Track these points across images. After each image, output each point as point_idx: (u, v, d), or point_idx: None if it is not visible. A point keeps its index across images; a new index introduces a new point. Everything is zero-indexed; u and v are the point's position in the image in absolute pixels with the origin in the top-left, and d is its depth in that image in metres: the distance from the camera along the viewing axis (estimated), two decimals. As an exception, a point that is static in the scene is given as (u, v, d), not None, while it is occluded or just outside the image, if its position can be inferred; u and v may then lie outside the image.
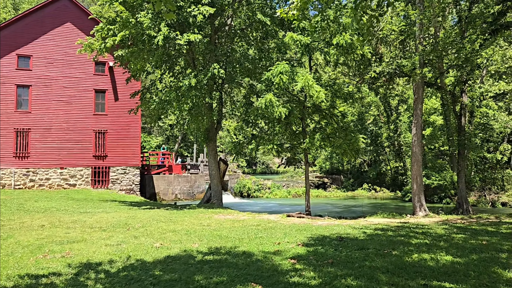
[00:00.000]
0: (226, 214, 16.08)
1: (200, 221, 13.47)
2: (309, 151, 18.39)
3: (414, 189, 18.67)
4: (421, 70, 17.41)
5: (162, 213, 16.00)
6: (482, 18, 17.59)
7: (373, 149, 45.63)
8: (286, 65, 16.88)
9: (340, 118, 19.70)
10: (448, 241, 9.79)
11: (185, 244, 9.24)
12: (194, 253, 8.28)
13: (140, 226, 12.19)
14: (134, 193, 28.30)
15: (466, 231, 11.74)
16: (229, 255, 8.04)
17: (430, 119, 36.42)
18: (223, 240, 9.87)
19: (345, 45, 16.42)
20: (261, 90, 17.71)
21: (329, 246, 9.01)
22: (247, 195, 37.62)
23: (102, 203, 20.33)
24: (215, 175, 19.84)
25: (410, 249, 8.80)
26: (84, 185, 27.34)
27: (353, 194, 40.68)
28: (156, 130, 58.41)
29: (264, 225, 12.65)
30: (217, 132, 20.29)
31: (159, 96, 18.95)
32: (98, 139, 27.89)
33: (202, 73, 16.84)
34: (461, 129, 21.05)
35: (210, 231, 11.21)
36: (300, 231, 11.33)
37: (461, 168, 20.71)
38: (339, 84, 18.13)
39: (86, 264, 7.33)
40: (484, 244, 9.46)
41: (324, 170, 51.02)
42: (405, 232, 11.28)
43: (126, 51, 16.98)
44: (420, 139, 18.75)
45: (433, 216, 17.23)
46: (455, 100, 20.75)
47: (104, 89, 28.24)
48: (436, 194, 31.65)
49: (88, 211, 16.43)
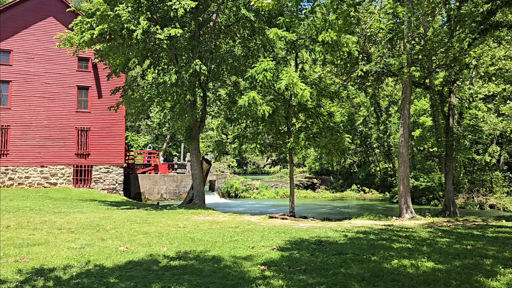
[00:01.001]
0: (206, 215, 15.55)
1: (176, 222, 12.92)
2: (294, 150, 17.91)
3: (400, 190, 18.27)
4: (408, 69, 17.02)
5: (140, 213, 15.42)
6: (471, 17, 17.24)
7: (362, 150, 45.33)
8: (270, 62, 16.38)
9: (326, 117, 19.25)
10: (431, 246, 9.35)
11: (153, 248, 8.69)
12: (159, 257, 7.74)
13: (112, 227, 11.61)
14: (117, 192, 27.60)
15: (451, 234, 11.33)
16: (196, 260, 7.51)
17: (420, 121, 36.17)
18: (196, 243, 9.34)
19: (331, 42, 15.96)
20: (245, 88, 17.18)
21: (306, 251, 8.52)
22: (234, 195, 37.06)
23: (80, 202, 19.67)
24: (197, 174, 19.28)
25: (391, 254, 8.34)
26: (66, 183, 26.60)
27: (342, 195, 40.32)
28: (144, 129, 57.62)
29: (242, 227, 12.14)
30: (200, 131, 19.74)
31: (140, 93, 18.37)
32: (80, 137, 27.16)
33: (183, 69, 16.27)
34: (449, 130, 20.69)
35: (184, 233, 10.67)
36: (278, 234, 10.84)
37: (449, 169, 20.35)
38: (325, 83, 17.66)
39: (39, 270, 6.76)
40: (469, 249, 9.03)
41: (314, 171, 50.62)
42: (388, 235, 10.83)
43: (105, 46, 16.36)
44: (408, 140, 18.36)
45: (419, 218, 16.84)
46: (443, 100, 20.40)
47: (87, 86, 27.51)
48: (424, 196, 31.36)
49: (63, 211, 15.78)
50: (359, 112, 43.65)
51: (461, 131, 30.37)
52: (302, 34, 17.04)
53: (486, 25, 17.69)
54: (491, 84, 30.43)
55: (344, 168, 48.95)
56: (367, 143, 43.57)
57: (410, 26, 18.05)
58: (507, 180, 33.54)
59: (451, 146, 20.41)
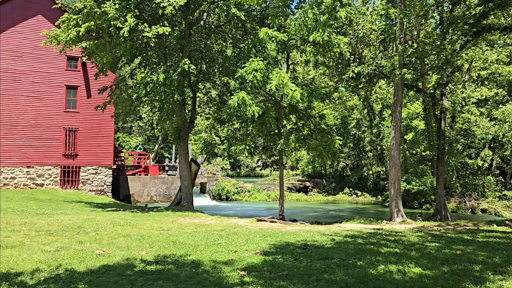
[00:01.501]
0: (193, 218, 15.20)
1: (161, 225, 12.56)
2: (285, 152, 17.62)
3: (391, 194, 18.03)
4: (400, 71, 16.82)
5: (125, 215, 15.04)
6: (464, 20, 17.10)
7: (355, 153, 45.19)
8: (260, 62, 16.08)
9: (317, 119, 19.00)
10: (420, 250, 9.08)
11: (132, 251, 8.34)
12: (136, 262, 7.40)
13: (93, 229, 11.23)
14: (105, 194, 27.14)
15: (441, 239, 11.08)
16: (174, 265, 7.18)
17: (413, 124, 36.08)
18: (177, 246, 9.00)
19: (322, 43, 15.71)
20: (235, 88, 16.88)
21: (290, 255, 8.22)
22: (226, 197, 36.70)
23: (66, 204, 19.23)
24: (186, 176, 18.92)
25: (378, 259, 8.05)
26: (53, 184, 26.10)
27: (334, 198, 40.08)
28: (136, 130, 57.12)
29: (228, 230, 11.81)
30: (189, 132, 19.39)
31: (128, 93, 18.00)
32: (68, 138, 26.69)
33: (171, 68, 15.94)
34: (441, 133, 20.51)
35: (167, 236, 10.32)
36: (264, 237, 10.52)
37: (440, 173, 20.14)
38: (315, 84, 17.41)
39: (5, 274, 6.39)
40: (458, 254, 8.77)
41: (307, 174, 50.40)
42: (376, 239, 10.56)
43: (91, 43, 15.99)
44: (399, 142, 18.15)
45: (410, 222, 16.60)
46: (435, 103, 20.22)
47: (76, 86, 27.07)
48: (416, 200, 31.20)
49: (46, 213, 15.34)
50: (352, 115, 43.47)
51: (453, 135, 30.28)
52: (293, 34, 16.78)
53: (478, 28, 17.57)
54: (483, 88, 30.36)
55: (337, 171, 48.77)
56: (360, 146, 43.42)
57: (402, 27, 17.87)
58: (499, 185, 33.50)
59: (442, 149, 20.22)
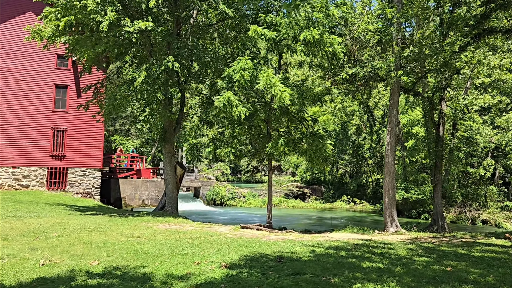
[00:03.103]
0: (173, 224, 14.34)
1: (133, 231, 11.71)
2: (273, 156, 16.77)
3: (385, 202, 17.09)
4: (396, 73, 15.96)
5: (101, 220, 14.20)
6: (464, 21, 16.25)
7: (355, 160, 44.23)
8: (249, 61, 15.29)
9: (310, 123, 18.15)
10: (406, 266, 8.18)
11: (83, 261, 7.50)
12: (79, 274, 6.55)
13: (56, 235, 10.41)
14: (92, 197, 26.32)
15: (433, 252, 10.16)
16: (120, 279, 6.33)
17: (413, 131, 35.17)
18: (137, 256, 8.15)
19: (313, 41, 14.89)
20: (222, 88, 16.06)
21: (259, 269, 7.35)
22: (220, 203, 35.81)
23: (46, 206, 18.43)
24: (170, 179, 18.08)
25: (356, 275, 7.17)
26: (39, 186, 25.33)
27: (332, 205, 39.07)
28: (134, 132, 56.44)
29: (203, 239, 10.95)
30: (176, 134, 18.58)
31: (111, 92, 17.24)
32: (56, 138, 25.94)
33: (154, 66, 15.17)
34: (439, 139, 19.56)
35: (132, 244, 9.48)
36: (239, 247, 9.66)
37: (438, 181, 19.18)
38: (307, 86, 16.58)
39: None
40: (448, 271, 7.87)
41: (305, 180, 49.45)
42: (361, 252, 9.65)
43: (71, 39, 15.26)
44: (394, 148, 17.23)
45: (403, 232, 15.66)
46: (433, 108, 19.32)
47: (66, 85, 26.37)
48: (415, 209, 30.17)
49: (18, 215, 14.55)
50: (352, 121, 42.57)
51: (455, 143, 29.32)
52: (284, 33, 15.98)
53: (479, 30, 16.70)
54: (486, 95, 29.42)
55: (336, 178, 47.78)
56: (360, 153, 42.47)
57: (400, 28, 17.04)
58: (502, 195, 32.42)
59: (440, 156, 19.28)
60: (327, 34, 15.58)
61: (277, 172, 74.59)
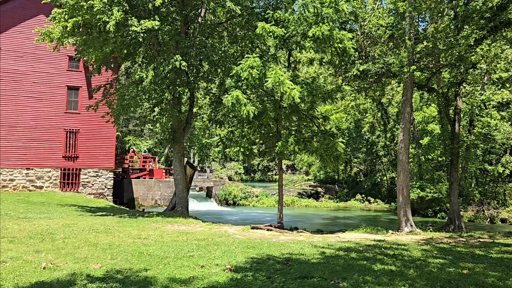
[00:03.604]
0: (181, 224, 14.19)
1: (141, 233, 11.58)
2: (283, 155, 16.48)
3: (399, 201, 16.65)
4: (408, 69, 15.50)
5: (110, 221, 14.12)
6: (479, 13, 15.69)
7: (369, 158, 43.59)
8: (257, 59, 15.04)
9: (321, 121, 17.81)
10: (420, 268, 7.84)
11: (86, 264, 7.36)
12: (80, 277, 6.40)
13: (63, 237, 10.33)
14: (104, 197, 26.40)
15: (449, 253, 9.77)
16: (121, 283, 6.15)
17: (428, 128, 34.42)
18: (141, 259, 7.98)
19: (322, 37, 14.55)
20: (230, 86, 15.84)
21: (265, 272, 7.10)
22: (232, 202, 35.63)
23: (57, 207, 18.50)
24: (180, 180, 17.95)
25: (366, 279, 6.87)
26: (52, 187, 25.52)
27: (346, 205, 38.54)
28: (147, 133, 56.72)
29: (211, 240, 10.75)
30: (185, 134, 18.44)
31: (120, 92, 17.20)
32: (69, 139, 26.11)
33: (162, 65, 15.03)
34: (455, 136, 18.97)
35: (138, 246, 9.33)
36: (246, 249, 9.42)
37: (454, 179, 18.61)
38: (316, 83, 16.22)
39: None
40: (464, 274, 7.51)
41: (319, 179, 48.94)
42: (373, 253, 9.32)
43: (79, 39, 15.23)
44: (408, 146, 16.77)
45: (418, 233, 15.21)
46: (448, 104, 18.75)
47: (77, 86, 26.52)
48: (431, 208, 29.47)
49: (29, 217, 14.59)
50: (365, 118, 41.92)
51: (471, 140, 28.56)
52: (293, 29, 15.67)
53: (496, 23, 16.12)
54: (504, 91, 28.54)
55: (350, 176, 47.17)
56: (373, 151, 41.82)
57: (412, 22, 16.57)
58: (522, 193, 31.46)
59: (456, 153, 18.70)
60: (337, 30, 15.22)
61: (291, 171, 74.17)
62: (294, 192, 42.53)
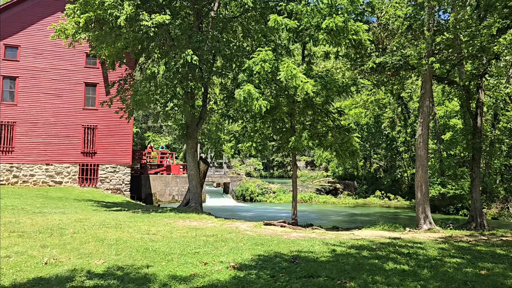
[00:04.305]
0: (193, 220, 14.07)
1: (150, 228, 11.50)
2: (297, 150, 16.16)
3: (418, 198, 16.12)
4: (427, 61, 14.92)
5: (122, 216, 14.12)
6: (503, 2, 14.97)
7: (389, 154, 42.72)
8: (269, 52, 14.76)
9: (336, 115, 17.40)
10: (435, 269, 7.46)
11: (89, 260, 7.27)
12: (80, 274, 6.30)
13: (72, 232, 10.32)
14: (122, 193, 26.62)
15: (467, 252, 9.31)
16: (120, 280, 6.01)
17: (450, 123, 33.45)
18: (145, 255, 7.86)
19: (336, 29, 14.13)
20: (243, 81, 15.60)
21: (270, 270, 6.86)
22: (249, 198, 35.48)
23: (74, 202, 18.68)
24: (194, 175, 17.87)
25: (376, 279, 6.54)
26: (71, 182, 25.89)
27: (364, 201, 37.88)
28: (166, 129, 57.11)
29: (220, 236, 10.58)
30: (198, 129, 18.32)
31: (134, 87, 17.18)
32: (87, 135, 26.42)
33: (173, 60, 14.91)
34: (477, 130, 18.23)
35: (144, 242, 9.22)
36: (255, 246, 9.20)
37: (476, 175, 17.89)
38: (330, 76, 15.80)
39: None
40: (482, 275, 7.09)
41: (337, 175, 48.31)
42: (386, 252, 8.96)
43: (91, 35, 15.25)
44: (427, 140, 16.20)
45: (437, 230, 14.68)
46: (470, 97, 18.01)
47: (95, 83, 26.77)
48: (452, 204, 28.61)
49: (44, 211, 14.72)
50: (385, 114, 41.04)
51: (496, 134, 27.54)
52: (306, 21, 15.28)
53: (521, 11, 15.36)
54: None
55: (370, 173, 46.38)
56: (393, 147, 40.94)
57: (431, 12, 15.95)
58: (549, 189, 30.22)
59: (478, 148, 17.97)
60: (352, 21, 14.78)
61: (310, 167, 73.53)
62: (312, 188, 42.10)
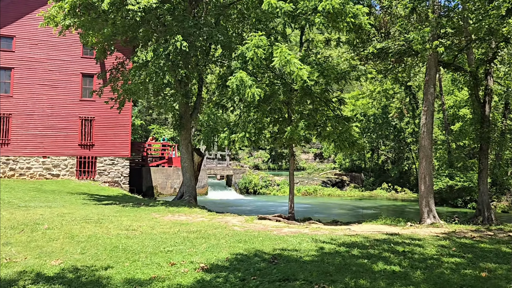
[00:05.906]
0: (183, 214, 13.44)
1: (132, 223, 10.89)
2: (293, 141, 15.38)
3: (421, 190, 15.26)
4: (431, 45, 13.97)
5: (109, 210, 13.55)
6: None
7: (396, 146, 41.66)
8: (263, 38, 13.96)
9: (336, 105, 16.55)
10: (429, 269, 6.69)
11: (46, 260, 6.66)
12: (28, 276, 5.67)
13: (46, 227, 9.75)
14: (119, 185, 26.12)
15: (469, 251, 8.51)
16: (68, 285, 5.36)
17: (460, 113, 32.28)
18: (112, 253, 7.22)
19: (333, 12, 13.25)
20: (236, 68, 14.83)
21: (242, 273, 6.15)
22: (253, 191, 34.80)
23: (66, 196, 18.19)
24: (187, 167, 17.21)
25: (360, 283, 5.80)
26: (69, 175, 25.46)
27: (371, 194, 36.97)
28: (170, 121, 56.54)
29: (204, 232, 9.92)
30: (192, 120, 17.64)
31: (124, 76, 16.53)
32: (84, 127, 25.91)
33: (161, 46, 14.19)
34: (484, 119, 17.24)
35: (118, 239, 8.60)
36: (237, 243, 8.51)
37: (483, 167, 16.93)
38: (330, 63, 14.94)
39: None
40: (483, 277, 6.31)
41: (344, 167, 47.40)
42: (379, 250, 8.20)
43: (77, 21, 14.59)
44: (431, 130, 15.30)
45: (441, 225, 13.83)
46: (477, 84, 16.99)
47: (92, 74, 26.15)
48: (460, 197, 27.57)
49: (30, 205, 14.21)
50: (392, 104, 39.92)
51: (507, 124, 26.39)
52: (302, 4, 14.40)
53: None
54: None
55: (377, 164, 45.37)
56: (401, 138, 39.87)
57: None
58: None
59: (486, 138, 16.98)
60: (351, 3, 13.89)
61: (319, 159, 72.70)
62: (318, 180, 41.25)
